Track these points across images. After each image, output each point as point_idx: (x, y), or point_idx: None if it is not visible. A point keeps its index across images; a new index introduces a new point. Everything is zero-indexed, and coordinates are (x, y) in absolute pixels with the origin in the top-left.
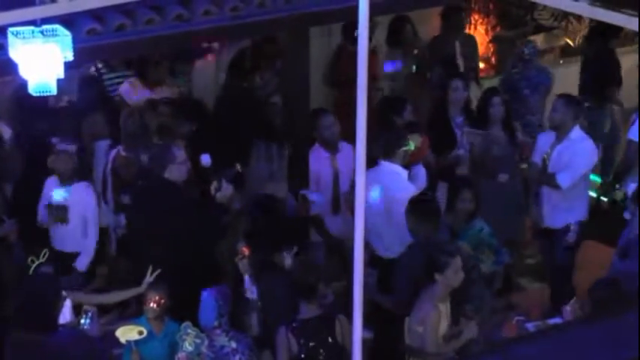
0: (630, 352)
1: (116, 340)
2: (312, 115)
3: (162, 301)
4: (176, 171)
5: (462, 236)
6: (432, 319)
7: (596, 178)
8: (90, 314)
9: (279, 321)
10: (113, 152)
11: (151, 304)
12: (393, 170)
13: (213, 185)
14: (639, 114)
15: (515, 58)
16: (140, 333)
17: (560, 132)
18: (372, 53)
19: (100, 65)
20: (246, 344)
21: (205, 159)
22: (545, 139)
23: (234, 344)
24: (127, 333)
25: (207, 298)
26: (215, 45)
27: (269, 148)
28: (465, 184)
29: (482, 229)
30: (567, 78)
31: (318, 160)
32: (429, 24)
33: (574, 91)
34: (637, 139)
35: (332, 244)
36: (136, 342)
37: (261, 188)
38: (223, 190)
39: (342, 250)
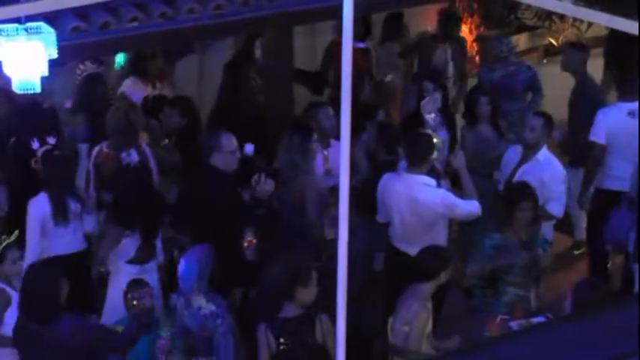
0: (614, 351)
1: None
2: (310, 107)
3: (149, 295)
4: (222, 159)
5: (532, 245)
6: (420, 318)
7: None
8: None
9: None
10: (96, 148)
11: (133, 302)
12: (421, 182)
13: (254, 178)
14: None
15: (492, 58)
16: None
17: (530, 151)
18: (366, 52)
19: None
20: (225, 308)
21: (248, 148)
22: (513, 155)
23: (212, 307)
24: None
25: (189, 258)
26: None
27: (298, 137)
28: (524, 195)
29: (541, 233)
30: (550, 77)
31: None
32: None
33: (557, 89)
34: (599, 141)
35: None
36: None
37: (292, 178)
38: (263, 185)
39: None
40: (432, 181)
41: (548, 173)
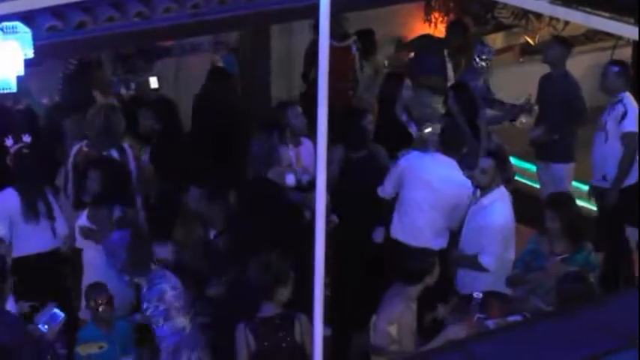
0: (592, 349)
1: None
2: (279, 106)
3: (110, 298)
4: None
5: (568, 260)
6: (407, 319)
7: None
8: (59, 320)
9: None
10: (75, 147)
11: (100, 307)
12: (456, 166)
13: (307, 197)
14: None
15: (474, 64)
16: (100, 347)
17: (482, 192)
18: (347, 50)
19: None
20: (176, 283)
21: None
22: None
23: (165, 285)
24: (88, 349)
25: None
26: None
27: (270, 134)
28: (546, 204)
29: (590, 254)
30: (527, 76)
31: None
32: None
33: (533, 89)
34: (635, 129)
35: None
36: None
37: (263, 175)
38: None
39: None
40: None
41: (486, 220)
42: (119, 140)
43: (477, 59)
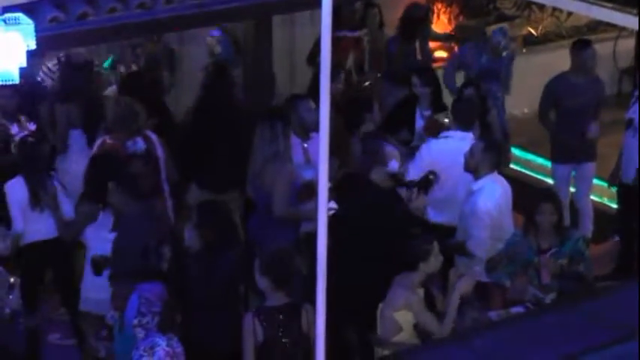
0: (593, 340)
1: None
2: (290, 100)
3: None
4: (382, 174)
5: (558, 252)
6: (415, 303)
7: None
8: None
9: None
10: (99, 140)
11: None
12: (471, 137)
13: (406, 194)
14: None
15: (490, 53)
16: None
17: (474, 177)
18: (358, 41)
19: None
20: (166, 339)
21: (394, 165)
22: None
23: (160, 341)
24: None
25: (133, 294)
26: None
27: (274, 126)
28: (543, 198)
29: (579, 240)
30: (530, 67)
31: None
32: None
33: (537, 79)
34: None
35: None
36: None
37: (264, 168)
38: (415, 201)
39: None
40: None
41: (472, 206)
42: (141, 128)
43: (499, 48)
